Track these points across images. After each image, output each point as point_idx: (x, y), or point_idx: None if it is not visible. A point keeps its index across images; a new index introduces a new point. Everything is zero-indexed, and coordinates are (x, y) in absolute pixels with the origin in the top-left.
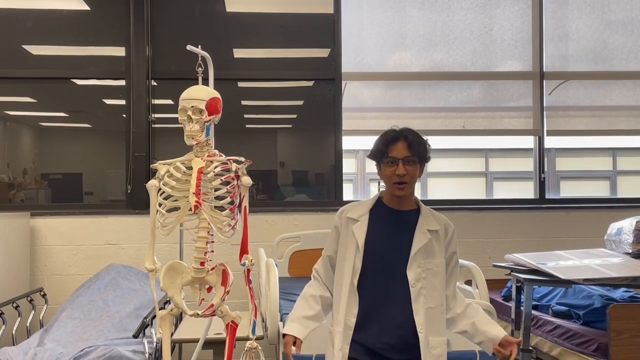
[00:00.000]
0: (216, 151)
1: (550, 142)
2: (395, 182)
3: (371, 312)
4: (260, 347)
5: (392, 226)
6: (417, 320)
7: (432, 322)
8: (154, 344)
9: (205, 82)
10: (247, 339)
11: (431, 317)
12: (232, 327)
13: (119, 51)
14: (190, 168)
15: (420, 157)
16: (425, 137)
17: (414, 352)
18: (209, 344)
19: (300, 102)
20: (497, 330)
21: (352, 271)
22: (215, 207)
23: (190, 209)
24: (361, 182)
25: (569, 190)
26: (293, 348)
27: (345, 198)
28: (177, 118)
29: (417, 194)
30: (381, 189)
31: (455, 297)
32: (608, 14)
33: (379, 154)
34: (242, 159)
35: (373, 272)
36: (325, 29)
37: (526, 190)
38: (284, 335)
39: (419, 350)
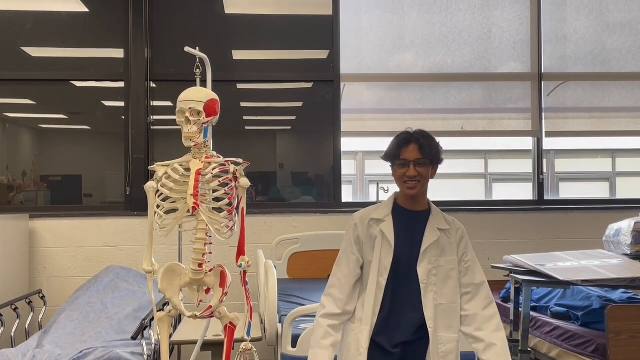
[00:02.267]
0: (214, 153)
1: (549, 143)
2: (406, 182)
3: (390, 311)
4: (255, 349)
5: (407, 225)
6: (427, 315)
7: (443, 319)
8: (153, 346)
9: (204, 83)
10: (242, 340)
11: (441, 314)
12: (230, 328)
13: (118, 53)
14: (188, 170)
15: (432, 159)
16: (437, 139)
17: (424, 347)
18: (207, 345)
19: (299, 104)
20: None
21: (378, 270)
22: (213, 208)
23: (188, 211)
24: (360, 184)
25: (568, 191)
26: None
27: (344, 200)
28: (175, 120)
29: None
30: (395, 191)
31: (476, 297)
32: (606, 15)
33: (392, 156)
34: (240, 160)
35: (395, 271)
36: (324, 31)
37: (526, 191)
38: None
39: (428, 346)
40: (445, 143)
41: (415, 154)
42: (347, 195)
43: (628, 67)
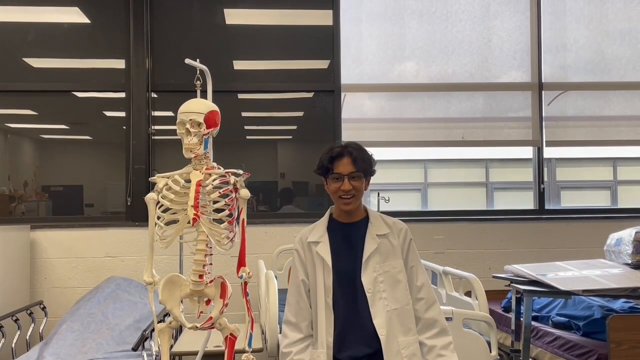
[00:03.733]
0: (214, 164)
1: (550, 152)
2: (341, 197)
3: (345, 326)
4: None
5: (346, 239)
6: (377, 323)
7: (399, 323)
8: (153, 357)
9: (204, 94)
10: (244, 351)
11: (396, 318)
12: (231, 339)
13: (119, 64)
14: (188, 181)
15: (365, 171)
16: (370, 152)
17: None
18: (208, 356)
19: (300, 114)
20: None
21: (324, 291)
22: (213, 219)
23: (189, 222)
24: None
25: (569, 200)
26: None
27: None
28: (176, 130)
29: (418, 204)
30: (331, 205)
31: (419, 301)
32: (606, 24)
33: (325, 170)
34: (241, 171)
35: (339, 288)
36: (324, 41)
37: (528, 200)
38: None
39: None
40: (446, 152)
41: (349, 167)
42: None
43: (628, 76)
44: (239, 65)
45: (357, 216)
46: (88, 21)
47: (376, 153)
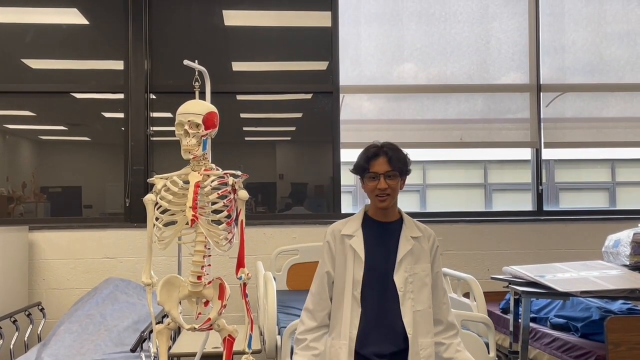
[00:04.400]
0: (213, 165)
1: (549, 153)
2: (377, 195)
3: (370, 321)
4: None
5: (380, 237)
6: (405, 322)
7: (421, 324)
8: (152, 358)
9: (202, 95)
10: (243, 352)
11: (419, 319)
12: (229, 341)
13: (118, 65)
14: (187, 182)
15: (401, 171)
16: (405, 151)
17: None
18: (206, 358)
19: (299, 115)
20: None
21: (352, 284)
22: (212, 220)
23: (187, 223)
24: (360, 194)
25: (568, 201)
26: None
27: (343, 210)
28: (175, 131)
29: (416, 206)
30: (367, 203)
31: (448, 305)
32: (604, 26)
33: (361, 169)
34: (239, 172)
35: (369, 283)
36: (323, 43)
37: (526, 202)
38: None
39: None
40: (444, 154)
41: (385, 166)
42: (347, 205)
43: (626, 78)
44: (237, 66)
45: (392, 216)
46: (87, 22)
47: None
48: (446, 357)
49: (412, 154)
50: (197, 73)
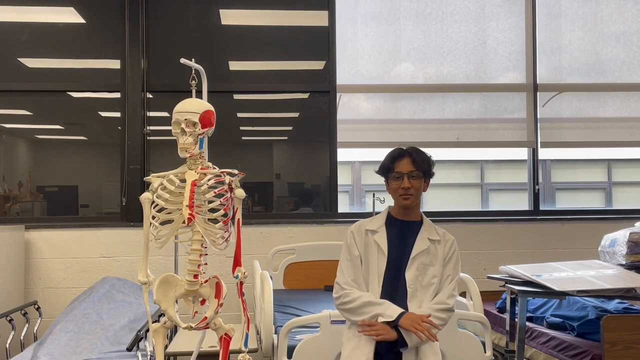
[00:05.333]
0: (209, 164)
1: (545, 153)
2: (401, 194)
3: None
4: None
5: (400, 234)
6: None
7: None
8: (148, 357)
9: (199, 94)
10: (239, 351)
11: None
12: (225, 339)
13: (115, 64)
14: (183, 181)
15: (424, 172)
16: (429, 154)
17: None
18: (202, 356)
19: (295, 114)
20: None
21: (377, 276)
22: (208, 219)
23: (184, 222)
24: (357, 194)
25: (565, 201)
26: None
27: (340, 210)
28: (171, 130)
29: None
30: (389, 204)
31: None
32: (601, 26)
33: (386, 169)
34: (236, 171)
35: (389, 277)
36: (320, 42)
37: (523, 201)
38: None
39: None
40: (441, 153)
41: (409, 166)
42: (344, 205)
43: (623, 78)
44: (234, 65)
45: (414, 217)
46: (83, 21)
47: (372, 154)
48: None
49: None
50: (193, 72)
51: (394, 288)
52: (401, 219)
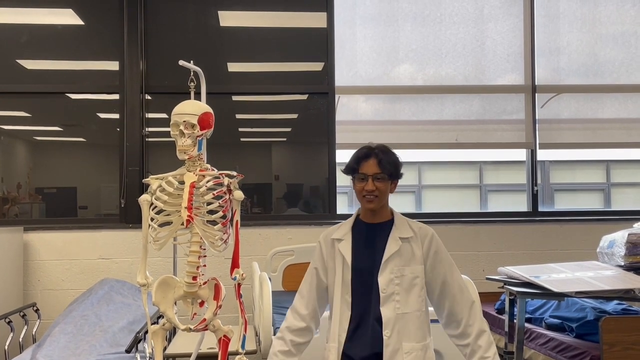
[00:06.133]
0: (208, 165)
1: (544, 154)
2: (365, 196)
3: (359, 323)
4: None
5: (369, 239)
6: (383, 324)
7: (406, 328)
8: (147, 359)
9: (198, 96)
10: (237, 353)
11: (405, 323)
12: (224, 341)
13: (113, 65)
14: (182, 182)
15: (391, 174)
16: (397, 155)
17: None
18: (201, 358)
19: (294, 116)
20: None
21: (342, 287)
22: (207, 221)
23: (183, 224)
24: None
25: (563, 202)
26: None
27: (339, 211)
28: (170, 132)
29: (412, 207)
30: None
31: (461, 301)
32: (599, 27)
33: (351, 170)
34: (234, 173)
35: (358, 286)
36: (318, 43)
37: (521, 203)
38: None
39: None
40: (439, 154)
41: (374, 168)
42: (342, 206)
43: (621, 79)
44: (233, 67)
45: (382, 217)
46: (82, 23)
47: None
48: None
49: (408, 155)
50: (192, 73)
51: (367, 295)
52: (369, 221)
